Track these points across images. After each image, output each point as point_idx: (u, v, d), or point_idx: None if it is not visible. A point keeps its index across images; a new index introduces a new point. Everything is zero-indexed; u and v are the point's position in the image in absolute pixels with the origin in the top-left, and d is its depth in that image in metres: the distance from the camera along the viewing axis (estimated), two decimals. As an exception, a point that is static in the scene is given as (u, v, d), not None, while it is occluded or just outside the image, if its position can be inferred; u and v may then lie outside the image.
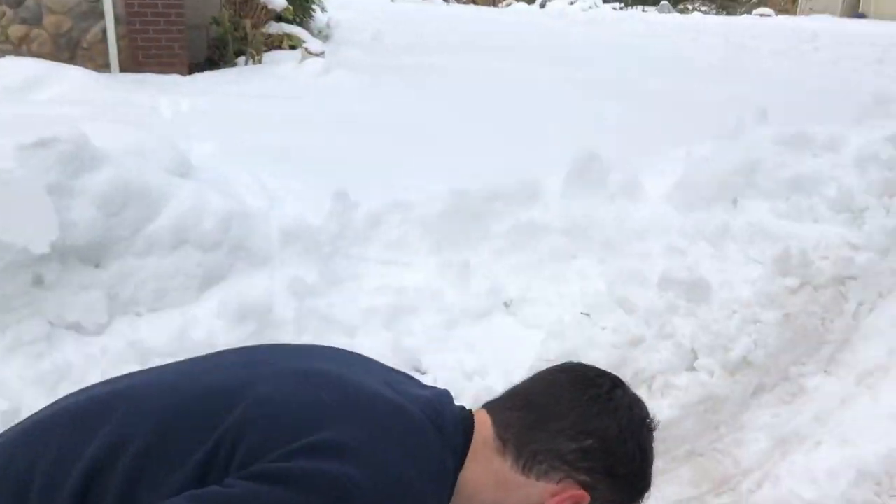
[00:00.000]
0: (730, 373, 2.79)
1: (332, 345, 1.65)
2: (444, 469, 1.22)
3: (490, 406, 1.38)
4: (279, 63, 8.41)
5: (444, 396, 1.38)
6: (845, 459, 2.51)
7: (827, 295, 2.95)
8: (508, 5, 33.22)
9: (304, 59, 8.07)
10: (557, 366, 1.44)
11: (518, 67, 8.92)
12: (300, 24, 10.24)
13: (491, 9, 24.69)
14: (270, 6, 9.34)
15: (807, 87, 8.26)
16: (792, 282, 2.96)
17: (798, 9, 30.89)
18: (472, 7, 24.74)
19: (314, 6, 10.86)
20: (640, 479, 1.33)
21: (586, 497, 1.26)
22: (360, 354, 1.55)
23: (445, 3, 24.42)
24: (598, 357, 2.89)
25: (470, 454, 1.28)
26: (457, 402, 1.41)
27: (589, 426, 1.28)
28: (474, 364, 3.16)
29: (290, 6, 9.55)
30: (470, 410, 1.38)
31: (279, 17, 9.50)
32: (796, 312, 2.89)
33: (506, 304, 3.60)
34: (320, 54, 8.20)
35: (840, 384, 2.84)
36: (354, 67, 8.28)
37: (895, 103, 3.67)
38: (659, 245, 3.57)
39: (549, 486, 1.26)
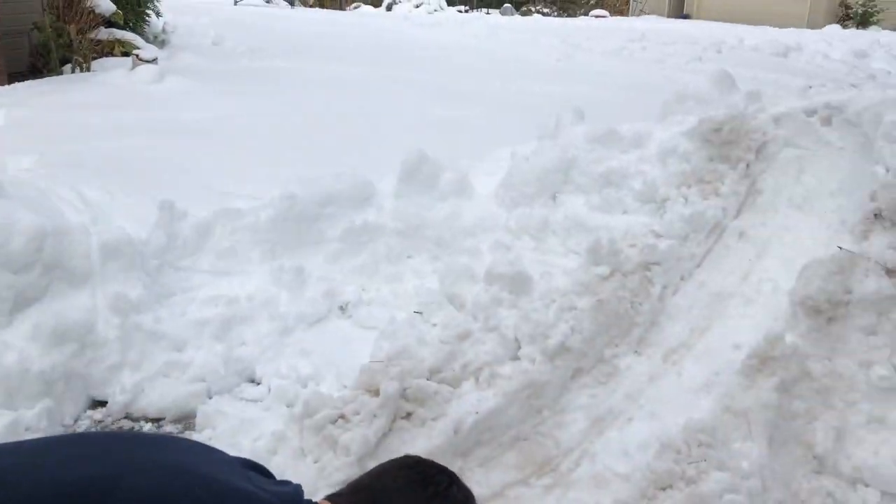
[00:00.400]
0: (550, 359, 2.94)
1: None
2: None
3: (334, 499, 1.48)
4: (109, 70, 8.04)
5: (299, 493, 1.47)
6: (653, 432, 2.71)
7: (635, 280, 3.17)
8: (357, 7, 33.15)
9: (135, 66, 7.74)
10: (398, 459, 1.59)
11: (359, 71, 8.96)
12: (133, 29, 9.82)
13: (338, 12, 24.52)
14: (98, 11, 8.90)
15: (629, 84, 8.79)
16: (603, 270, 3.15)
17: (630, 10, 32.69)
18: (318, 10, 24.48)
19: (148, 10, 10.44)
20: None
21: None
22: (210, 447, 1.61)
23: (290, 7, 24.07)
24: (427, 353, 2.99)
25: None
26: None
27: None
28: (309, 370, 3.17)
29: (119, 11, 9.14)
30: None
31: (109, 23, 9.08)
32: (608, 298, 3.08)
33: (342, 308, 3.64)
34: (152, 61, 7.89)
35: (649, 363, 3.06)
36: (190, 74, 8.05)
37: (693, 100, 3.99)
38: (487, 241, 3.71)
39: None
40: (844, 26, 24.56)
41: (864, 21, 25.38)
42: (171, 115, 6.20)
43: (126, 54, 8.55)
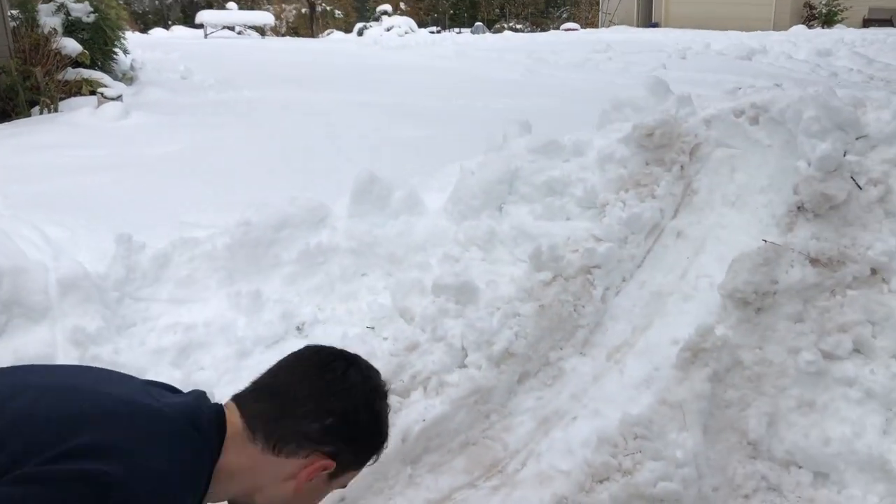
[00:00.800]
0: (496, 365, 3.03)
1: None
2: (201, 462, 1.40)
3: (238, 399, 1.59)
4: (76, 110, 8.13)
5: (201, 398, 1.56)
6: (594, 429, 2.80)
7: (577, 284, 3.27)
8: (329, 34, 33.47)
9: (100, 104, 7.84)
10: (297, 352, 1.69)
11: (324, 97, 9.09)
12: (101, 67, 9.93)
13: (310, 40, 24.74)
14: (64, 52, 9.03)
15: (582, 95, 8.96)
16: (545, 275, 3.25)
17: (600, 22, 33.11)
18: (290, 39, 24.69)
19: (115, 49, 10.56)
20: (377, 437, 1.64)
21: (332, 464, 1.54)
22: (119, 372, 1.70)
23: (261, 37, 24.28)
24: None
25: (225, 445, 1.47)
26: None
27: (328, 406, 1.54)
28: (265, 389, 3.25)
29: (85, 51, 9.26)
30: (222, 406, 1.56)
31: (77, 63, 9.19)
32: (550, 303, 3.18)
33: (298, 328, 3.72)
34: (117, 98, 8.00)
35: (593, 363, 3.15)
36: (156, 108, 8.17)
37: (629, 107, 4.12)
38: (437, 255, 3.81)
39: (299, 461, 1.51)
40: (810, 26, 24.99)
41: (828, 20, 25.84)
42: (135, 151, 6.30)
43: (93, 93, 8.65)
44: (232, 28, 27.23)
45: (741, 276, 2.89)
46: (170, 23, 41.07)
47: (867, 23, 27.21)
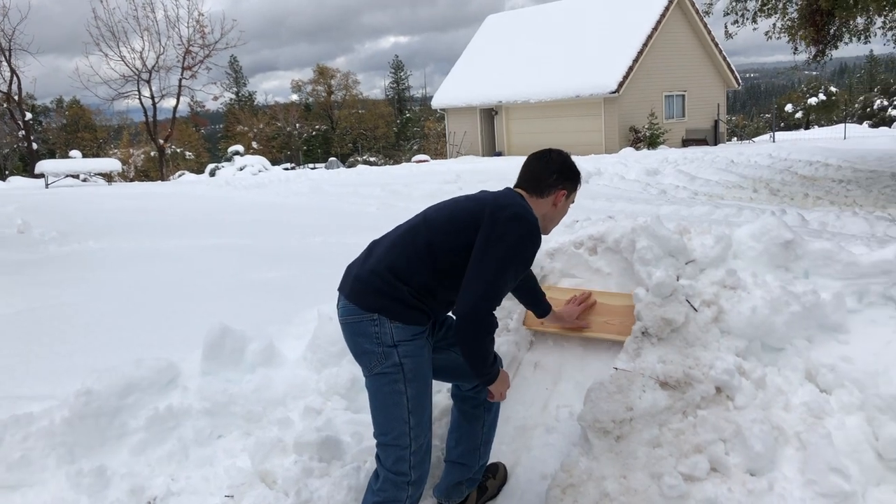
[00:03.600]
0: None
1: None
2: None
3: (517, 186, 2.97)
4: None
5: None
6: None
7: (444, 426, 3.22)
8: (181, 175, 33.11)
9: (-78, 267, 7.25)
10: (531, 155, 3.04)
11: (175, 244, 8.86)
12: (-76, 227, 9.28)
13: (160, 183, 24.32)
14: None
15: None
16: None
17: (448, 153, 34.68)
18: (138, 184, 24.18)
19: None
20: (578, 174, 3.01)
21: (564, 191, 2.94)
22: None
23: (108, 184, 23.64)
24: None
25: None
26: None
27: (555, 167, 2.94)
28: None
29: None
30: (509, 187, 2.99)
31: None
32: (416, 450, 3.11)
33: (149, 504, 3.43)
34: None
35: (465, 508, 3.07)
36: (-12, 268, 7.63)
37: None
38: (298, 408, 3.67)
39: (552, 197, 2.92)
40: (637, 148, 27.23)
41: (652, 142, 28.28)
42: (-39, 318, 5.80)
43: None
44: (76, 176, 26.38)
45: (599, 405, 2.95)
46: (7, 173, 39.36)
47: (686, 143, 30.08)
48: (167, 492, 3.45)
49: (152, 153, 39.79)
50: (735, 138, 35.41)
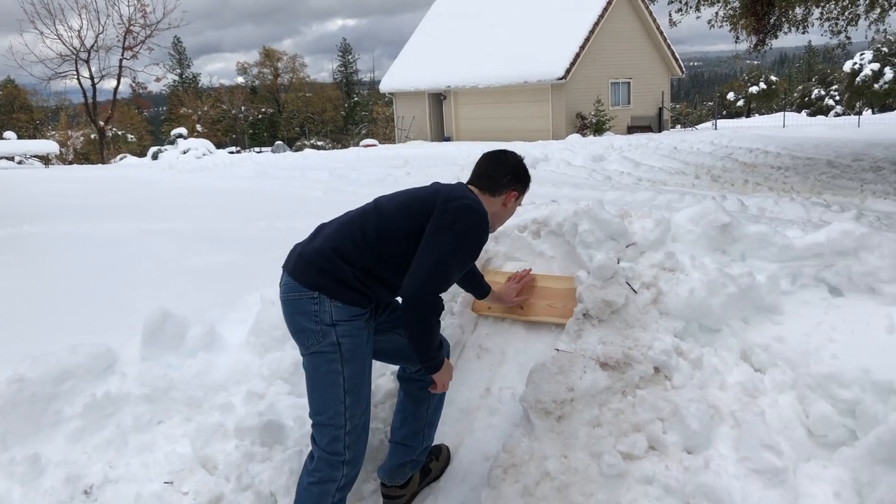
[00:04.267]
0: (307, 507, 2.87)
1: None
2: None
3: (470, 183, 3.03)
4: None
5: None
6: None
7: (387, 410, 3.22)
8: (122, 159, 32.29)
9: None
10: (486, 154, 3.09)
11: (115, 227, 8.64)
12: None
13: (101, 166, 23.67)
14: None
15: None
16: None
17: (397, 137, 34.51)
18: (77, 168, 23.48)
19: None
20: (529, 178, 3.11)
21: (515, 193, 3.04)
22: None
23: (45, 166, 22.93)
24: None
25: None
26: None
27: (509, 168, 3.02)
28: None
29: None
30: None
31: None
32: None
33: (86, 492, 3.35)
34: None
35: (408, 490, 3.09)
36: (-87, 254, 7.33)
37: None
38: (240, 393, 3.63)
39: (503, 196, 3.00)
40: (584, 134, 27.50)
41: (598, 129, 28.60)
42: None
43: None
44: (11, 158, 25.50)
45: (540, 386, 2.98)
46: (-64, 154, 37.79)
47: (631, 129, 30.52)
48: (105, 479, 3.38)
49: (92, 135, 38.63)
50: (679, 126, 36.04)
